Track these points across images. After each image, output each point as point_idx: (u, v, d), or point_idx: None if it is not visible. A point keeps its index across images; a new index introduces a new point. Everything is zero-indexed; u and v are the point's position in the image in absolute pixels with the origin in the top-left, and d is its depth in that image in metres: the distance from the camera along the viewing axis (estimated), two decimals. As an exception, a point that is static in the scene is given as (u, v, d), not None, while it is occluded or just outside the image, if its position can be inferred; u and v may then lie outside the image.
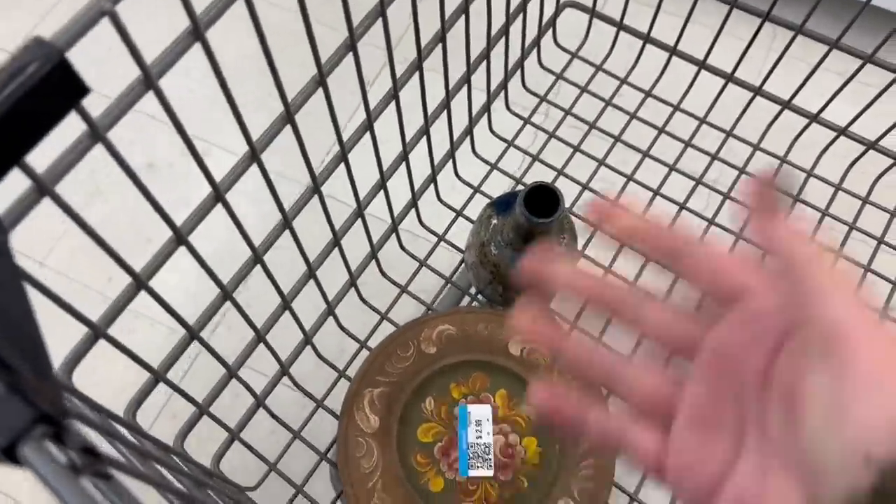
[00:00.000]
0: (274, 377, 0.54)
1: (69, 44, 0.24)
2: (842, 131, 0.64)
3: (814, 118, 0.64)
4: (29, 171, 0.25)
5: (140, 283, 0.34)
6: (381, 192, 0.54)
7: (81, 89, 0.25)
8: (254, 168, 0.37)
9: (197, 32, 0.29)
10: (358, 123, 0.46)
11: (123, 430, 0.35)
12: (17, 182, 0.26)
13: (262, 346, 0.49)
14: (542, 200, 0.52)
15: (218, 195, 0.35)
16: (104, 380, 0.62)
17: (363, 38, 0.38)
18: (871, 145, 0.64)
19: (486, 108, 0.63)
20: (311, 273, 0.50)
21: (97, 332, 0.33)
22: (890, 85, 0.58)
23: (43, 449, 0.18)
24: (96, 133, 0.27)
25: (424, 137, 0.55)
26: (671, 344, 0.27)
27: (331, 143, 0.43)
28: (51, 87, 0.24)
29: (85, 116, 0.26)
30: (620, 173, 0.65)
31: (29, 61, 0.24)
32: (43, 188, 0.26)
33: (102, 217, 1.10)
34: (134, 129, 1.24)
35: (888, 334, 0.22)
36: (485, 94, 0.61)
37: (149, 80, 0.28)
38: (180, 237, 0.35)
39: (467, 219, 0.63)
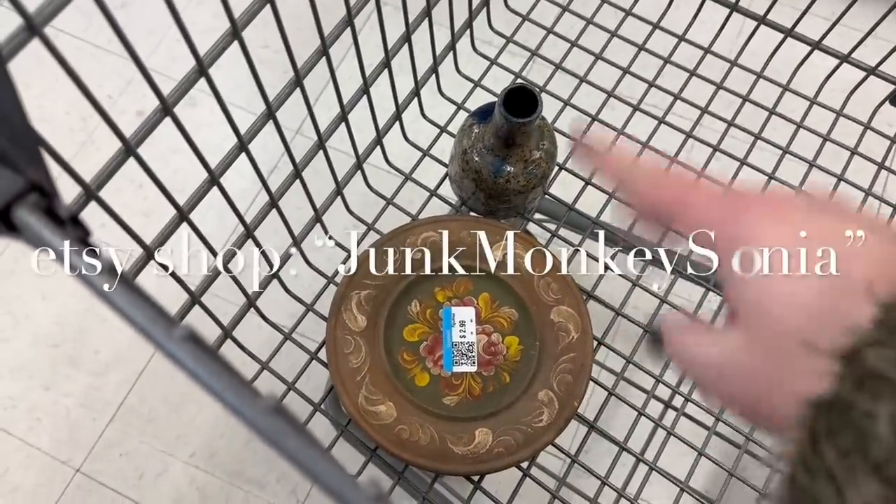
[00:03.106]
0: (263, 280, 0.55)
1: None
2: (845, 58, 0.65)
3: (787, 33, 0.66)
4: (18, 6, 0.27)
5: (129, 148, 0.35)
6: (366, 108, 0.55)
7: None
8: (244, 87, 0.39)
9: None
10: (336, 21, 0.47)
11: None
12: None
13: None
14: (522, 104, 0.54)
15: (201, 68, 0.37)
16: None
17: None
18: (871, 71, 0.65)
19: (469, 25, 0.65)
20: (297, 173, 0.52)
21: (89, 192, 0.35)
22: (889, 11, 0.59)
23: (37, 213, 0.20)
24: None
25: (406, 46, 0.56)
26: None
27: (313, 43, 0.44)
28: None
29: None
30: (602, 90, 0.67)
31: None
32: (34, 28, 0.28)
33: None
34: (124, 79, 1.26)
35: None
36: (466, 13, 0.63)
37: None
38: (166, 108, 0.36)
39: (451, 134, 0.65)
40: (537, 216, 0.75)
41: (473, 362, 0.56)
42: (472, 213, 0.64)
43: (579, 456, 0.55)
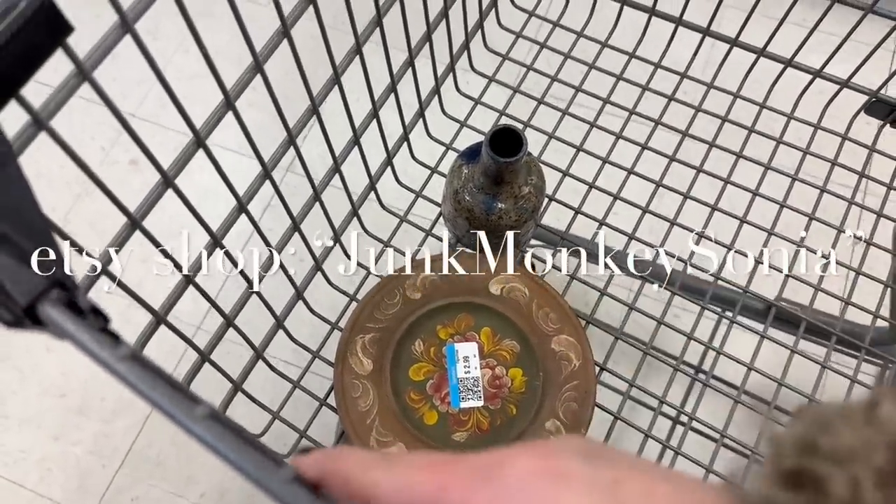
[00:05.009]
0: (269, 331, 0.57)
1: (52, -15, 0.27)
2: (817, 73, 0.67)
3: (760, 53, 0.68)
4: (27, 105, 0.28)
5: (135, 222, 0.37)
6: (356, 149, 0.57)
7: (66, 27, 0.28)
8: (232, 128, 0.40)
9: (165, -20, 0.32)
10: (325, 80, 0.49)
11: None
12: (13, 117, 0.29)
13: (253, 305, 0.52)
14: (507, 143, 0.56)
15: (198, 139, 0.39)
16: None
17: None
18: (844, 84, 0.67)
19: (451, 69, 0.67)
20: (295, 226, 0.53)
21: (102, 269, 0.36)
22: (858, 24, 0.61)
23: (60, 308, 0.22)
24: (82, 71, 0.30)
25: (393, 96, 0.58)
26: None
27: (303, 102, 0.46)
28: (39, 24, 0.27)
29: (70, 54, 0.29)
30: (584, 121, 0.69)
31: (17, 1, 0.27)
32: (40, 123, 0.29)
33: (92, 212, 1.15)
34: (118, 129, 1.28)
35: None
36: (447, 55, 0.65)
37: (125, 24, 0.31)
38: (168, 181, 0.38)
39: (441, 174, 0.66)
40: (532, 246, 0.76)
41: (480, 397, 0.57)
42: (468, 250, 0.65)
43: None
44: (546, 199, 0.66)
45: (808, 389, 0.59)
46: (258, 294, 0.52)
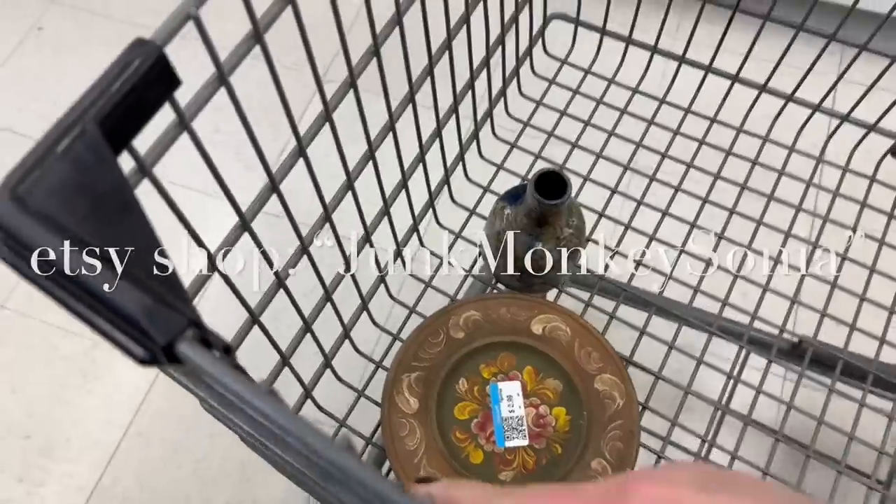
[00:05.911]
0: (317, 370, 0.58)
1: (165, 42, 0.29)
2: (843, 117, 0.70)
3: (787, 98, 0.70)
4: (135, 154, 0.30)
5: (213, 264, 0.38)
6: (403, 192, 0.59)
7: (176, 81, 0.30)
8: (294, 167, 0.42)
9: (257, 35, 0.34)
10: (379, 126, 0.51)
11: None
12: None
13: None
14: (551, 186, 0.57)
15: (274, 186, 0.40)
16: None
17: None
18: (871, 128, 0.69)
19: (489, 114, 0.69)
20: (347, 268, 0.55)
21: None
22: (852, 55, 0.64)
23: (197, 346, 0.23)
24: (183, 122, 0.32)
25: (437, 140, 0.60)
26: None
27: (356, 143, 0.48)
28: (152, 79, 0.29)
29: (175, 106, 0.31)
30: (617, 163, 0.71)
31: (133, 58, 0.29)
32: (144, 170, 0.31)
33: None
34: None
35: None
36: (486, 102, 0.67)
37: (222, 77, 0.33)
38: (245, 222, 0.39)
39: (480, 216, 0.68)
40: (570, 288, 0.78)
41: (524, 436, 0.58)
42: (508, 289, 0.67)
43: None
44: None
45: (843, 428, 0.59)
46: (312, 333, 0.53)
